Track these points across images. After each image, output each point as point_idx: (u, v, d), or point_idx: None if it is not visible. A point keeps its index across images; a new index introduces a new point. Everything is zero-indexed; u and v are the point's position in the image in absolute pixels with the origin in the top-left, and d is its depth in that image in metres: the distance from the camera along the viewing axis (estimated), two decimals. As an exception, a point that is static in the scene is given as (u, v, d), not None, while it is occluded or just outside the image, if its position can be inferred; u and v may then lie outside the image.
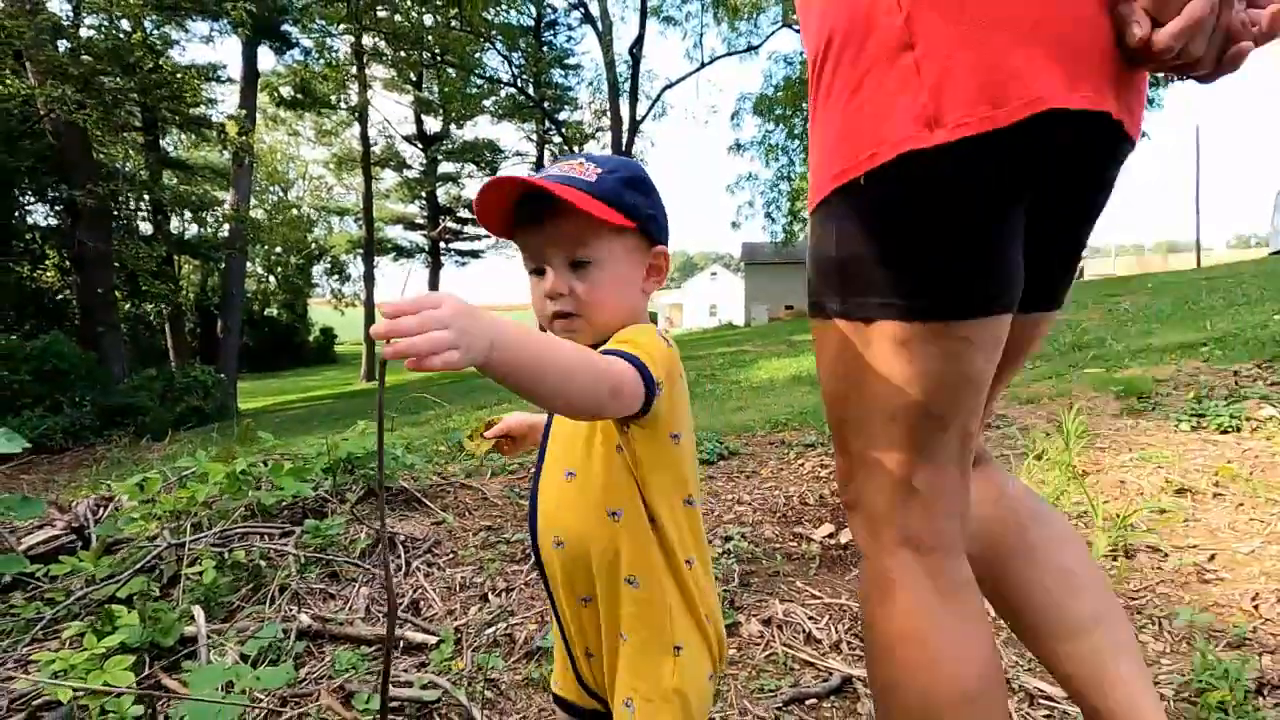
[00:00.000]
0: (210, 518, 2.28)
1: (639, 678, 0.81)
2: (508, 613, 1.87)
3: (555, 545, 0.84)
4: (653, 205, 0.86)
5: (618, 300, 0.84)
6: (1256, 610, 1.65)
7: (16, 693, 1.53)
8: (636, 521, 0.81)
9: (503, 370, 0.61)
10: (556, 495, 0.85)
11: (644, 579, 0.81)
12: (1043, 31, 0.65)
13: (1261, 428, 2.95)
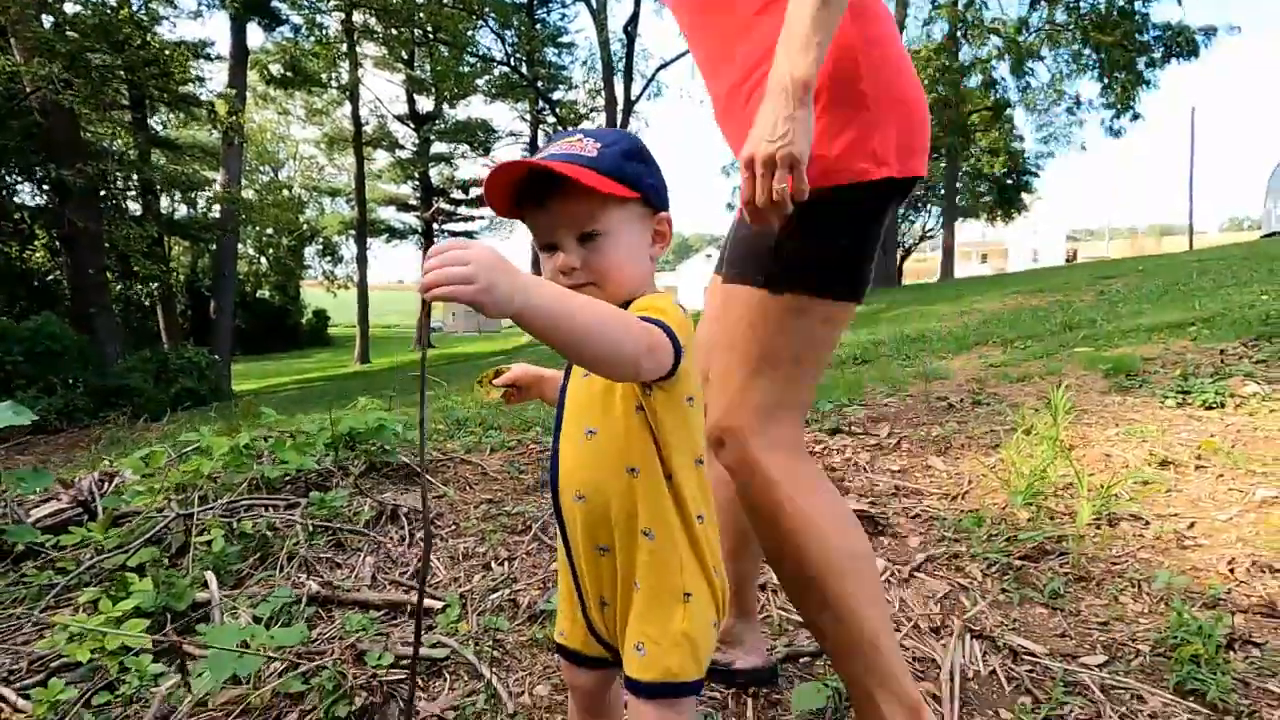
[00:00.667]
0: (215, 491, 2.32)
1: (650, 623, 0.86)
2: (511, 580, 1.93)
3: (576, 499, 0.88)
4: (652, 174, 0.89)
5: (629, 268, 0.87)
6: (1232, 573, 1.71)
7: (35, 654, 1.58)
8: (653, 477, 0.85)
9: (539, 321, 0.67)
10: (577, 452, 0.89)
11: (659, 531, 0.85)
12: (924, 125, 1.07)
13: (1245, 404, 3.02)
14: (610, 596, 0.90)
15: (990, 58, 23.35)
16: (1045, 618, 1.62)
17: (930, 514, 2.31)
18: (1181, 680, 1.30)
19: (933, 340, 6.83)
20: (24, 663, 1.57)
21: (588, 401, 0.88)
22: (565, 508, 0.90)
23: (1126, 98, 21.89)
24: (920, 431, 3.19)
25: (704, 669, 0.88)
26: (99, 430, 8.25)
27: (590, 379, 0.89)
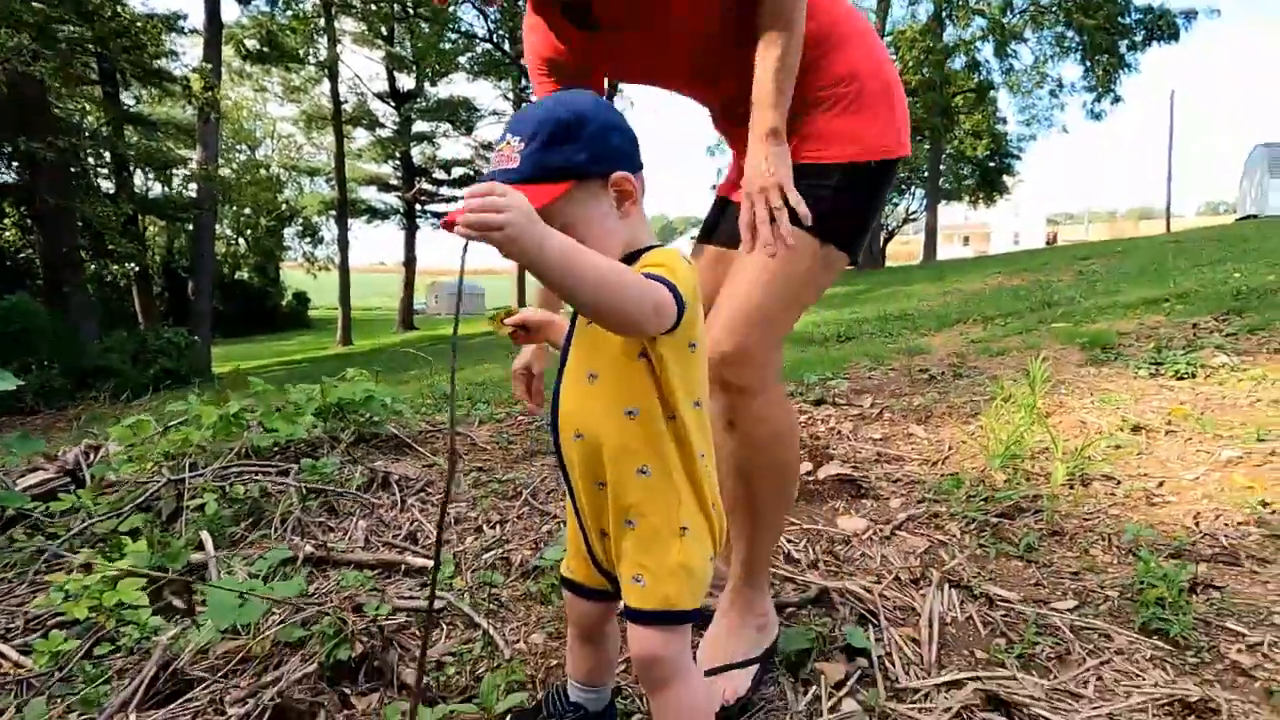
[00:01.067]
0: (204, 459, 2.32)
1: (647, 555, 0.90)
2: (503, 541, 1.96)
3: (575, 437, 0.92)
4: (584, 146, 0.85)
5: (600, 244, 0.87)
6: (1197, 526, 1.79)
7: (30, 614, 1.59)
8: (651, 418, 0.88)
9: (553, 274, 0.74)
10: (578, 394, 0.92)
11: (655, 469, 0.89)
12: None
13: (1214, 374, 3.11)
14: (609, 529, 0.94)
15: (974, 39, 23.38)
16: (1019, 569, 1.69)
17: (911, 478, 2.37)
18: (1146, 621, 1.37)
19: (915, 318, 6.92)
20: (20, 621, 1.58)
21: (592, 347, 0.91)
22: (565, 445, 0.94)
23: (1108, 80, 22.07)
24: (902, 402, 3.26)
25: (699, 600, 0.92)
26: (77, 410, 8.15)
27: (595, 326, 0.92)
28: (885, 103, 1.23)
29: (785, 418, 1.27)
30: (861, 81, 1.21)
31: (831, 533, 1.95)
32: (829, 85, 1.20)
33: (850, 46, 1.22)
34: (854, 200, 1.22)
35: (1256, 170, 31.85)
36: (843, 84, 1.20)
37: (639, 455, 0.89)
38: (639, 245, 0.92)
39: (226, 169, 26.93)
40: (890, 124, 1.23)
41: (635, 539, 0.90)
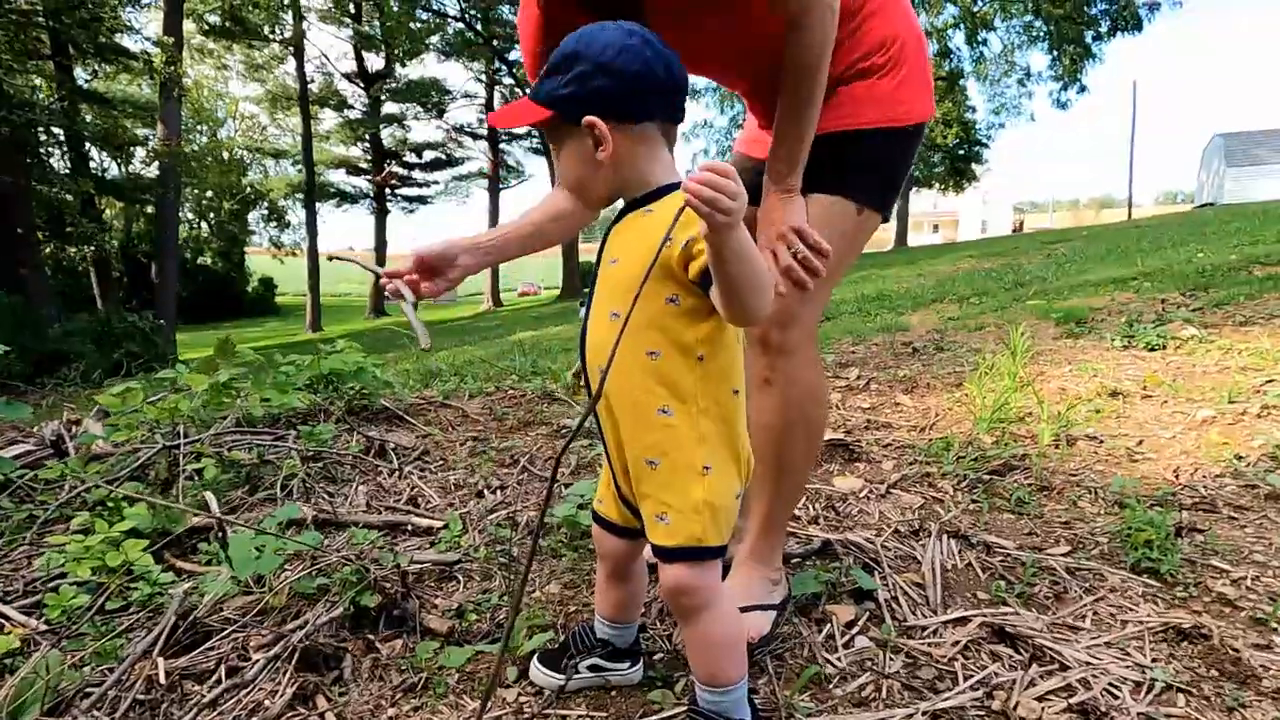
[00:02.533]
0: (196, 428, 2.28)
1: (671, 493, 0.91)
2: (506, 504, 1.97)
3: (600, 372, 0.93)
4: (570, 81, 0.87)
5: (581, 179, 0.94)
6: (1177, 479, 1.88)
7: (30, 577, 1.56)
8: (673, 359, 0.89)
9: (734, 258, 0.77)
10: (602, 331, 0.93)
11: (677, 410, 0.90)
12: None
13: (1184, 345, 3.23)
14: (630, 467, 0.95)
15: (946, 27, 23.63)
16: (1012, 521, 1.75)
17: (901, 443, 2.43)
18: (1137, 561, 1.44)
19: (892, 299, 7.03)
20: (19, 585, 1.55)
21: (617, 287, 0.92)
22: (593, 381, 0.95)
23: (1074, 70, 22.50)
24: (887, 373, 3.33)
25: (725, 536, 0.94)
26: (45, 392, 7.90)
27: (619, 265, 0.93)
28: (921, 67, 1.26)
29: (818, 379, 1.30)
30: (901, 46, 1.22)
31: (829, 491, 2.00)
32: (869, 53, 1.21)
33: (889, 11, 1.23)
34: (890, 163, 1.26)
35: (1214, 160, 32.87)
36: (880, 51, 1.21)
37: (659, 396, 0.90)
38: (649, 186, 0.92)
39: (187, 149, 26.12)
40: (925, 88, 1.26)
41: (657, 478, 0.92)
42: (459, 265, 1.09)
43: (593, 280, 0.97)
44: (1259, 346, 2.94)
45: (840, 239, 1.22)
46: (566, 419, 2.77)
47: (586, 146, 0.89)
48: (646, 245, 0.85)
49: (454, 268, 1.09)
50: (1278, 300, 3.70)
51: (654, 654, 1.21)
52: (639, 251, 0.87)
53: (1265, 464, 1.90)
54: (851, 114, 1.22)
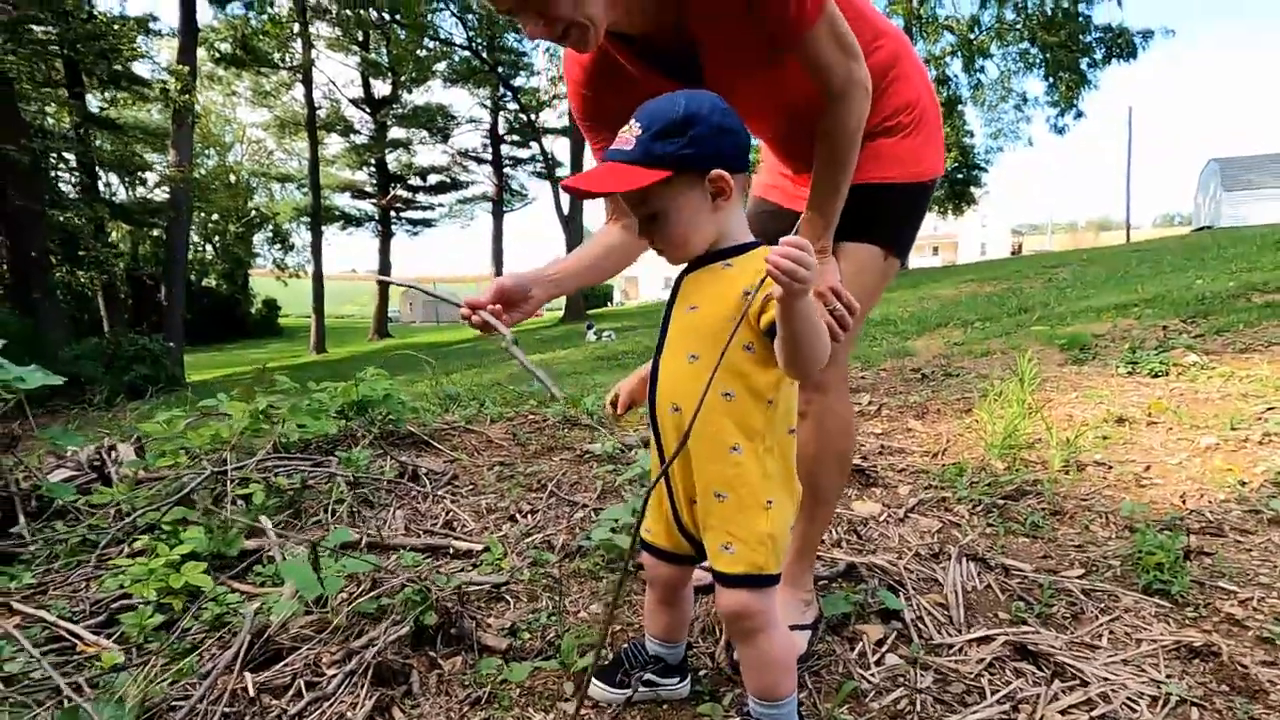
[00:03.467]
0: (237, 455, 2.37)
1: (737, 526, 0.99)
2: (540, 527, 2.05)
3: (672, 410, 1.01)
4: (690, 142, 0.94)
5: (690, 233, 1.00)
6: (1184, 504, 1.96)
7: (94, 598, 1.64)
8: (746, 401, 0.98)
9: (802, 321, 0.88)
10: (678, 371, 1.02)
11: (746, 448, 0.99)
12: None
13: (1186, 372, 3.33)
14: (698, 497, 1.04)
15: (944, 54, 24.06)
16: (1028, 545, 1.83)
17: (915, 468, 2.52)
18: (1149, 583, 1.52)
19: (897, 323, 7.14)
20: (85, 605, 1.63)
21: (693, 332, 1.01)
22: (661, 416, 1.04)
23: (1070, 96, 22.85)
24: (898, 399, 3.42)
25: (781, 564, 1.03)
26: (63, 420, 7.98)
27: (698, 312, 1.01)
28: (937, 127, 1.40)
29: (849, 412, 1.40)
30: (922, 108, 1.35)
31: (849, 516, 2.08)
32: (895, 113, 1.32)
33: (912, 77, 1.35)
34: (911, 214, 1.39)
35: (1210, 184, 33.24)
36: (904, 112, 1.33)
37: (732, 434, 0.98)
38: (730, 241, 1.02)
39: (195, 173, 26.47)
40: (940, 146, 1.40)
41: (724, 511, 1.00)
42: (533, 298, 1.19)
43: (664, 323, 1.05)
44: (1259, 374, 3.03)
45: (868, 282, 1.33)
46: (589, 444, 2.86)
47: (702, 200, 0.98)
48: (728, 297, 0.96)
49: (528, 300, 1.19)
50: (1276, 328, 3.80)
51: (699, 670, 1.28)
52: (720, 302, 0.97)
53: (1269, 490, 1.98)
54: (880, 169, 1.32)
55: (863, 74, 1.17)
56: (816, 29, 1.10)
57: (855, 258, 1.31)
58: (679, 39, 1.18)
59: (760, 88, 1.27)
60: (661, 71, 1.22)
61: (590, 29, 1.06)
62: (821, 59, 1.13)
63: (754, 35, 1.14)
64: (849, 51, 1.15)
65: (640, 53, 1.24)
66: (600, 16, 1.07)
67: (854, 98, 1.16)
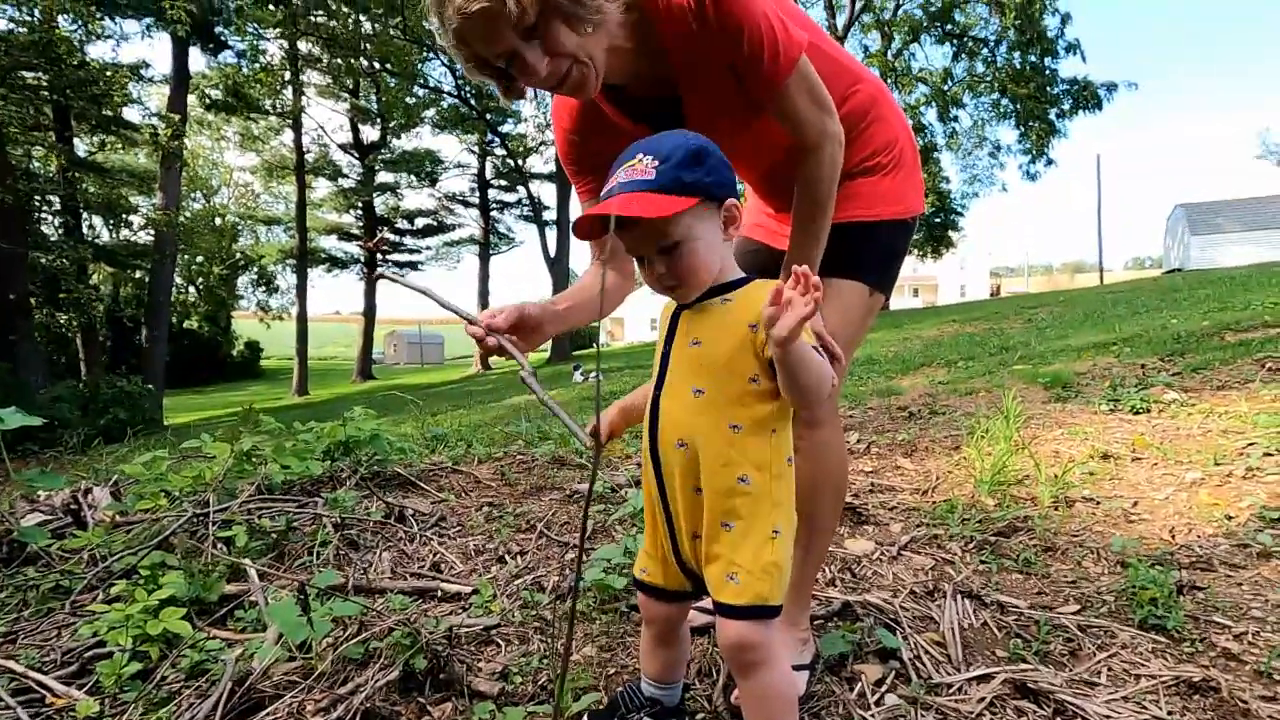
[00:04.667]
0: (219, 495, 2.32)
1: (742, 555, 0.99)
2: (530, 569, 2.02)
3: (678, 446, 1.01)
4: (710, 171, 0.98)
5: (708, 263, 1.01)
6: (1173, 539, 1.97)
7: (66, 647, 1.58)
8: (753, 433, 0.99)
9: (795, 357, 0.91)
10: (682, 407, 1.02)
11: (755, 478, 0.99)
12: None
13: (1166, 409, 3.38)
14: (702, 531, 1.03)
15: (919, 104, 24.92)
16: (1021, 581, 1.83)
17: (906, 505, 2.52)
18: (1144, 618, 1.52)
19: (881, 363, 7.21)
20: (56, 655, 1.57)
21: (697, 366, 1.01)
22: (664, 453, 1.03)
23: (1041, 145, 23.68)
24: (886, 437, 3.43)
25: (783, 596, 1.02)
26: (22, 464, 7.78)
27: (701, 348, 1.02)
28: (916, 167, 1.44)
29: (842, 445, 1.41)
30: (900, 148, 1.39)
31: (843, 554, 2.06)
32: (874, 153, 1.37)
33: (890, 119, 1.40)
34: (894, 251, 1.42)
35: (1178, 228, 34.32)
36: (884, 152, 1.37)
37: (740, 465, 0.98)
38: (727, 276, 1.03)
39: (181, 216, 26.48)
40: (919, 185, 1.44)
41: (730, 541, 0.99)
42: (544, 331, 1.20)
43: (664, 358, 1.06)
44: (1238, 410, 3.08)
45: (854, 318, 1.36)
46: (578, 484, 2.83)
47: (713, 228, 1.00)
48: (732, 331, 0.98)
49: (539, 333, 1.19)
50: (1250, 365, 3.88)
51: (696, 714, 1.25)
52: (724, 336, 0.99)
53: (1254, 524, 2.00)
54: (864, 207, 1.37)
55: (835, 127, 1.22)
56: (789, 85, 1.16)
57: (841, 294, 1.33)
58: (663, 90, 1.23)
59: (741, 137, 1.32)
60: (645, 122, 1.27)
61: (591, 69, 1.10)
62: (795, 113, 1.19)
63: (734, 89, 1.19)
64: (822, 105, 1.20)
65: (624, 102, 1.28)
66: (601, 59, 1.10)
67: (827, 149, 1.21)
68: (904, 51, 24.65)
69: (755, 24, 1.10)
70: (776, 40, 1.12)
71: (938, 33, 24.40)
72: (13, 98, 10.41)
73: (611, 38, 1.12)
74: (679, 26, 1.11)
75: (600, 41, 1.09)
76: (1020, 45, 22.96)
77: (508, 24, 1.02)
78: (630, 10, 1.12)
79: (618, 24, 1.12)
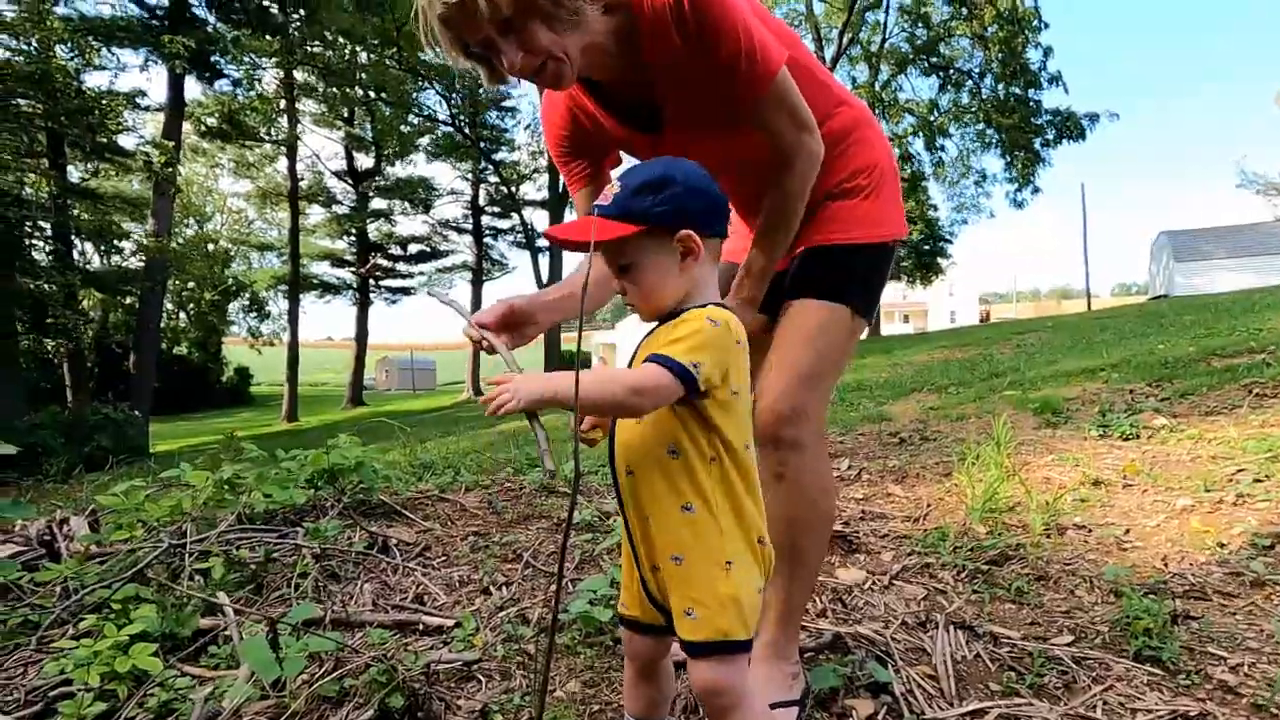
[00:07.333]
0: (198, 525, 2.27)
1: (696, 589, 0.96)
2: (514, 600, 1.97)
3: (627, 474, 1.01)
4: (664, 200, 0.97)
5: (659, 288, 1.01)
6: (1166, 567, 1.95)
7: (30, 685, 1.52)
8: (694, 459, 0.97)
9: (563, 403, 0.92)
10: (628, 432, 1.02)
11: (699, 505, 0.96)
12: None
13: (1156, 435, 3.38)
14: (659, 563, 1.00)
15: (906, 134, 25.38)
16: (1014, 611, 1.80)
17: (897, 533, 2.49)
18: (1139, 649, 1.49)
19: (872, 389, 7.22)
20: (19, 694, 1.51)
21: None
22: (620, 481, 1.02)
23: (1026, 173, 24.11)
24: (877, 463, 3.41)
25: (751, 630, 0.99)
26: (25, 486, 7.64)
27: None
28: (897, 190, 1.45)
29: (828, 472, 1.39)
30: (881, 171, 1.40)
31: (833, 584, 2.03)
32: (854, 175, 1.38)
33: (872, 142, 1.41)
34: (876, 275, 1.41)
35: (1163, 254, 34.84)
36: (864, 174, 1.38)
37: (683, 493, 0.97)
38: (694, 302, 1.02)
39: (174, 242, 26.46)
40: (900, 208, 1.44)
41: (683, 573, 0.97)
42: (537, 323, 1.19)
43: None
44: (1226, 436, 3.09)
45: (837, 340, 1.35)
46: (566, 512, 2.79)
47: (671, 258, 1.00)
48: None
49: (533, 325, 1.19)
50: (1238, 391, 3.90)
51: (681, 753, 1.21)
52: None
53: (1247, 551, 1.99)
54: (845, 230, 1.37)
55: (813, 144, 1.24)
56: (767, 96, 1.18)
57: (823, 316, 1.33)
58: (644, 93, 1.24)
59: (717, 145, 1.32)
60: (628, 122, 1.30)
61: (566, 64, 1.12)
62: (772, 126, 1.21)
63: (712, 98, 1.21)
64: (799, 121, 1.22)
65: (608, 102, 1.31)
66: (576, 56, 1.13)
67: (799, 164, 1.23)
68: (891, 82, 25.19)
69: (734, 32, 1.12)
70: (755, 50, 1.14)
71: (924, 65, 24.97)
72: (7, 125, 10.41)
73: (593, 35, 1.14)
74: (660, 28, 1.13)
75: (578, 40, 1.12)
76: (1004, 77, 23.51)
77: (484, 17, 1.05)
78: (612, 12, 1.14)
79: (600, 24, 1.14)
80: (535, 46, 1.09)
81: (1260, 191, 32.50)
